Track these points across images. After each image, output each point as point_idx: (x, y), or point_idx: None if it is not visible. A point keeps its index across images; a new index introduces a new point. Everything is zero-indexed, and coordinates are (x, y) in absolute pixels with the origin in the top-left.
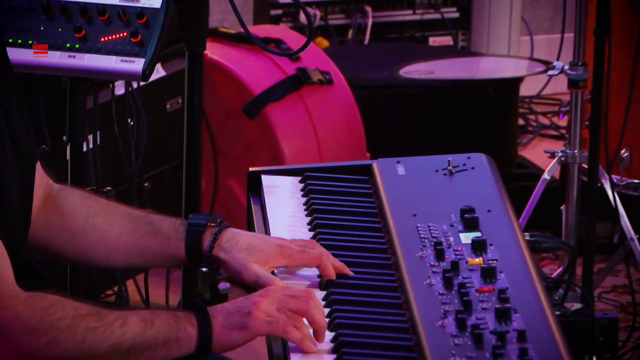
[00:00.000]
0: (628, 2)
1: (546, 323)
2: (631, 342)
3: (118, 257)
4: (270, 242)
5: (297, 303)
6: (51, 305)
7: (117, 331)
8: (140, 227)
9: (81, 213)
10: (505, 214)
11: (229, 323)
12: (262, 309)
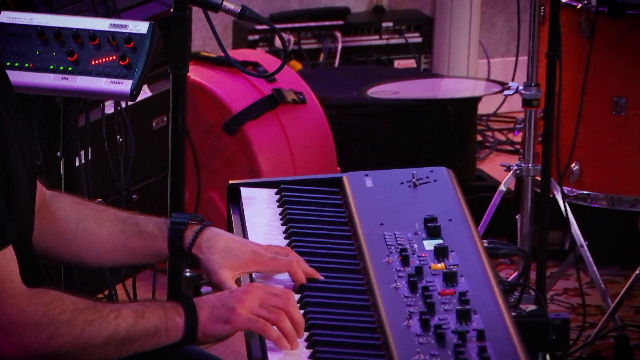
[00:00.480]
0: (577, 28)
1: (503, 323)
2: (581, 340)
3: (107, 257)
4: (246, 247)
5: (277, 300)
6: (52, 300)
7: (112, 323)
8: (127, 228)
9: (72, 217)
10: (465, 222)
11: (214, 316)
12: (245, 306)
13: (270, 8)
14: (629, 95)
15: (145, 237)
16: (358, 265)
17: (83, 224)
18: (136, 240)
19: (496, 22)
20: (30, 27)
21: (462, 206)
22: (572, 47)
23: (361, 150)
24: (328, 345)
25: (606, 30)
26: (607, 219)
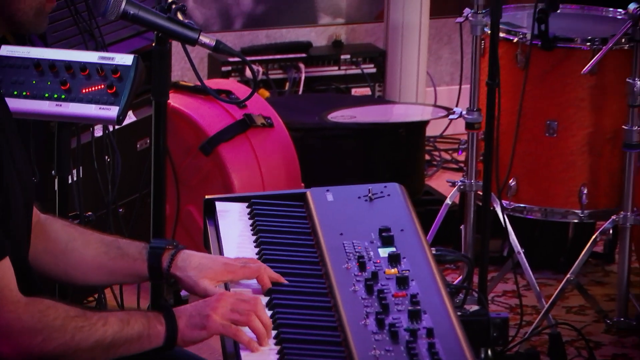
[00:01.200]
0: (514, 59)
1: (450, 322)
2: (519, 337)
3: (92, 275)
4: (218, 261)
5: (246, 305)
6: (46, 308)
7: (100, 329)
8: (110, 250)
9: (63, 238)
10: (416, 232)
11: (191, 323)
12: (218, 313)
13: (241, 42)
14: (560, 119)
15: (126, 259)
16: (320, 270)
17: (72, 245)
18: (118, 261)
19: (442, 55)
20: (28, 59)
21: (413, 218)
22: (509, 77)
23: (323, 168)
24: (294, 342)
25: (539, 61)
26: (541, 229)
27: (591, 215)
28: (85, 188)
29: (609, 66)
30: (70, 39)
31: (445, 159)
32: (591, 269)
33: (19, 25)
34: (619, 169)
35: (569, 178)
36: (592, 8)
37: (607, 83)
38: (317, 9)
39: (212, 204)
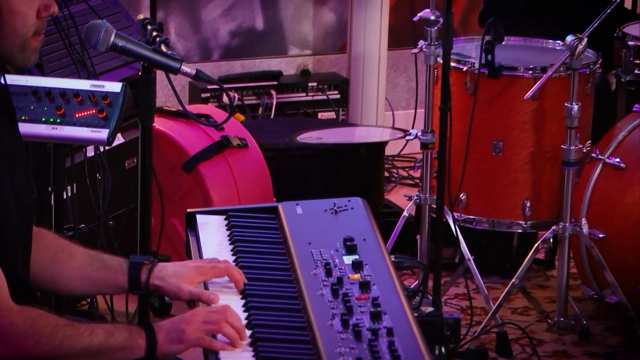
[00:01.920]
0: (464, 86)
1: (407, 322)
2: (469, 335)
3: (76, 285)
4: (189, 266)
5: (217, 315)
6: (38, 316)
7: (86, 339)
8: (94, 263)
9: (51, 249)
10: (376, 242)
11: (169, 338)
12: (192, 327)
13: (218, 72)
14: (505, 140)
15: (108, 271)
16: (291, 276)
17: (59, 255)
18: (101, 273)
19: (399, 82)
20: (26, 87)
21: (374, 229)
22: (459, 102)
23: (292, 184)
24: (267, 340)
25: (486, 88)
26: (488, 238)
27: (533, 225)
28: (78, 203)
29: (549, 92)
30: (65, 69)
31: (403, 175)
32: (534, 274)
33: (6, 61)
34: (559, 184)
35: (514, 192)
36: (533, 40)
37: (547, 107)
38: (287, 42)
39: (193, 216)
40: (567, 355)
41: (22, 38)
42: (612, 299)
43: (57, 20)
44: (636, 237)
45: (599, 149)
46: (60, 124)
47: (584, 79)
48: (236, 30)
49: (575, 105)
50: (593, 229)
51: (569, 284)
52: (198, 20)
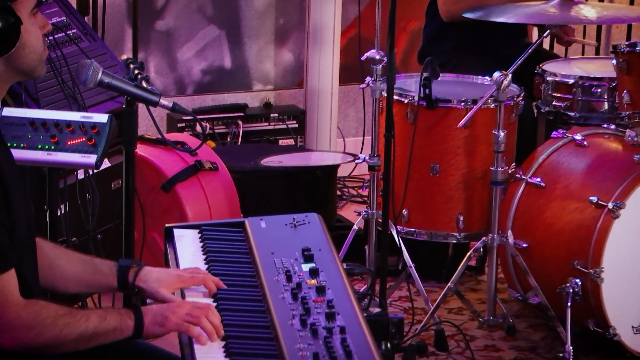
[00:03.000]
0: (405, 116)
1: (358, 321)
2: (411, 332)
3: (73, 286)
4: (172, 274)
5: (199, 311)
6: (41, 308)
7: (83, 324)
8: (88, 267)
9: (50, 256)
10: (330, 251)
11: (154, 320)
12: (176, 315)
13: (192, 104)
14: (441, 162)
15: (100, 274)
16: (256, 282)
17: (57, 261)
18: (94, 275)
19: (349, 113)
20: (24, 118)
21: (328, 240)
22: (401, 130)
23: (257, 202)
24: (236, 338)
25: (425, 118)
26: (427, 248)
27: (466, 237)
28: (71, 219)
29: (479, 121)
30: (58, 102)
31: (353, 194)
32: (467, 278)
33: (27, 74)
34: (488, 201)
35: (449, 208)
36: (465, 76)
37: (477, 134)
38: (251, 78)
39: (171, 231)
40: (495, 349)
41: (38, 52)
42: (535, 300)
43: (51, 60)
44: (554, 246)
45: (522, 170)
46: (54, 151)
47: (508, 109)
48: (207, 68)
49: (502, 132)
50: (517, 239)
51: (497, 287)
52: (174, 59)
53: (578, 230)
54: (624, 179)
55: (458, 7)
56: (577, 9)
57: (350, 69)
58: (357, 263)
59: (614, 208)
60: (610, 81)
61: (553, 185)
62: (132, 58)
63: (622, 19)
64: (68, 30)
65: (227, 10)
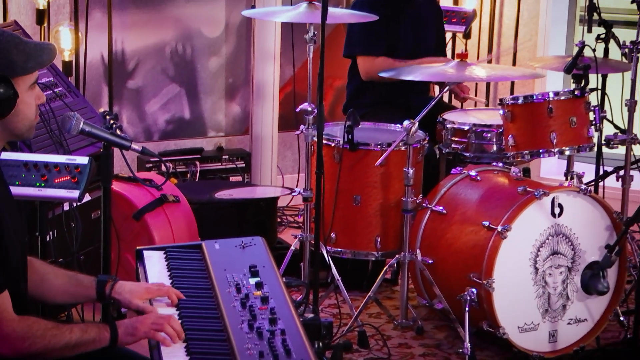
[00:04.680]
0: (332, 157)
1: (295, 325)
2: (339, 333)
3: (60, 297)
4: (141, 286)
5: (163, 320)
6: (32, 323)
7: (67, 336)
8: (72, 281)
9: (40, 272)
10: (272, 268)
11: (126, 332)
12: (144, 325)
13: (158, 148)
14: (362, 195)
15: (82, 287)
16: (212, 294)
17: (46, 277)
18: (77, 288)
19: (286, 155)
20: (19, 160)
21: (270, 259)
22: (329, 168)
23: (212, 228)
24: (195, 339)
25: (348, 158)
26: (351, 264)
27: (383, 255)
28: (58, 243)
29: (392, 160)
30: (47, 147)
31: (290, 220)
32: (384, 288)
33: (18, 136)
34: (400, 225)
35: (369, 232)
36: (380, 124)
37: (391, 171)
38: (207, 127)
39: (141, 252)
40: (408, 347)
41: (30, 120)
42: (439, 306)
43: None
44: (454, 262)
45: (427, 200)
46: (44, 187)
47: (416, 151)
48: (170, 119)
49: (411, 169)
50: (424, 256)
51: (408, 295)
52: (143, 112)
53: (473, 249)
54: (510, 206)
55: (375, 71)
56: (470, 69)
57: (287, 119)
58: (294, 277)
59: (502, 230)
60: (498, 127)
61: (453, 212)
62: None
63: (507, 77)
64: (55, 88)
65: (186, 71)
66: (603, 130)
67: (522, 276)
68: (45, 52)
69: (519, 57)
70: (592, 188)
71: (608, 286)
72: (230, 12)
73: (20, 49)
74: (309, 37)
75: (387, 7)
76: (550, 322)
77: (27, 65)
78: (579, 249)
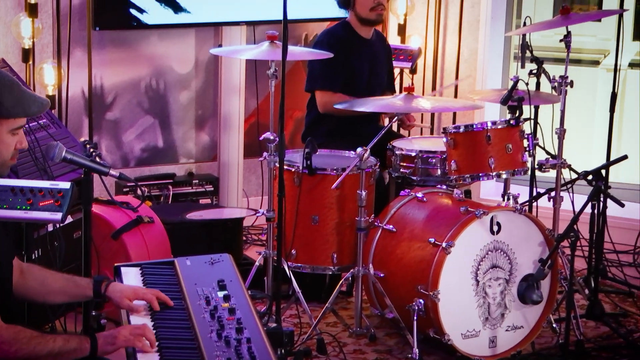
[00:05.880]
0: (293, 180)
1: (260, 334)
2: (300, 341)
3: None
4: (131, 288)
5: (138, 330)
6: (19, 331)
7: (51, 344)
8: (70, 283)
9: (39, 277)
10: (239, 282)
11: (106, 342)
12: (121, 336)
13: (134, 174)
14: (320, 215)
15: (79, 287)
16: (183, 305)
17: (46, 281)
18: (74, 288)
19: (251, 179)
20: (7, 186)
21: (237, 274)
22: (290, 191)
23: (184, 246)
24: (168, 348)
25: (307, 182)
26: (310, 278)
27: (339, 269)
28: (42, 261)
29: (347, 184)
30: (33, 173)
31: (255, 239)
32: (340, 300)
33: None
34: (355, 242)
35: (326, 248)
36: (336, 151)
37: (346, 193)
38: (178, 154)
39: (119, 269)
40: (362, 353)
41: (4, 160)
42: (390, 315)
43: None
44: (403, 275)
45: (379, 220)
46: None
47: (368, 175)
48: (145, 147)
49: (364, 192)
50: (376, 270)
51: (362, 306)
52: (120, 141)
53: (420, 263)
54: (453, 225)
55: (332, 104)
56: (416, 101)
57: (251, 147)
58: (258, 290)
59: (446, 246)
60: (442, 154)
61: (402, 230)
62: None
63: (449, 108)
64: (39, 120)
65: (159, 104)
66: (536, 155)
67: (464, 288)
68: (35, 104)
69: (460, 90)
70: (526, 208)
71: (541, 296)
72: (199, 50)
73: (13, 94)
74: (270, 73)
75: (344, 47)
76: (490, 329)
77: (13, 109)
78: (515, 263)
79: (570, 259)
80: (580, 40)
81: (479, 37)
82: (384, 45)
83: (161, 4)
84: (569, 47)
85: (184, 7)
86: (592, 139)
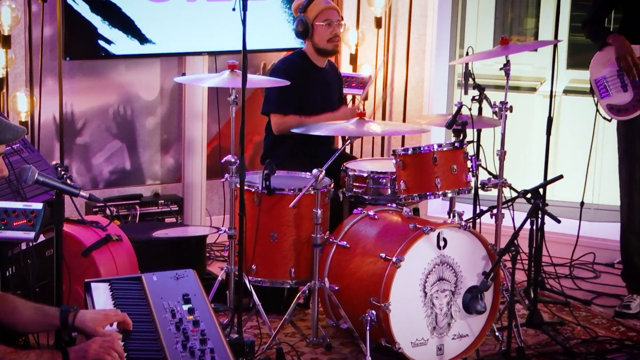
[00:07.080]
0: (253, 200)
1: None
2: (260, 351)
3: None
4: (100, 313)
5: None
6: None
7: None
8: (39, 312)
9: (11, 305)
10: (202, 296)
11: (78, 356)
12: (92, 349)
13: (103, 195)
14: (278, 232)
15: (48, 317)
16: (150, 318)
17: (17, 309)
18: (43, 317)
19: (214, 199)
20: None
21: (201, 288)
22: (250, 210)
23: (151, 262)
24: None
25: (266, 201)
26: (269, 291)
27: (297, 282)
28: (16, 277)
29: (304, 203)
30: (6, 195)
31: (217, 255)
32: (298, 311)
33: None
34: (311, 257)
35: (284, 264)
36: (293, 172)
37: (303, 212)
38: (145, 176)
39: (89, 284)
40: None
41: None
42: (344, 325)
43: None
44: (357, 288)
45: (333, 236)
46: (4, 230)
47: (323, 194)
48: (113, 170)
49: (319, 210)
50: (331, 284)
51: (318, 317)
52: (90, 164)
53: (373, 277)
54: (403, 240)
55: (285, 127)
56: (367, 125)
57: (213, 169)
58: (221, 303)
59: (396, 261)
60: (392, 174)
61: (355, 246)
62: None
63: (398, 131)
64: (13, 145)
65: (127, 129)
66: (479, 175)
67: (413, 299)
68: (10, 132)
69: (407, 115)
70: (470, 224)
71: (485, 306)
72: (164, 78)
73: None
74: (231, 100)
75: (300, 74)
76: (438, 338)
77: None
78: (460, 276)
79: (512, 272)
80: (518, 69)
81: (425, 65)
82: (336, 74)
83: (128, 36)
84: (509, 75)
85: (149, 38)
86: (531, 160)
